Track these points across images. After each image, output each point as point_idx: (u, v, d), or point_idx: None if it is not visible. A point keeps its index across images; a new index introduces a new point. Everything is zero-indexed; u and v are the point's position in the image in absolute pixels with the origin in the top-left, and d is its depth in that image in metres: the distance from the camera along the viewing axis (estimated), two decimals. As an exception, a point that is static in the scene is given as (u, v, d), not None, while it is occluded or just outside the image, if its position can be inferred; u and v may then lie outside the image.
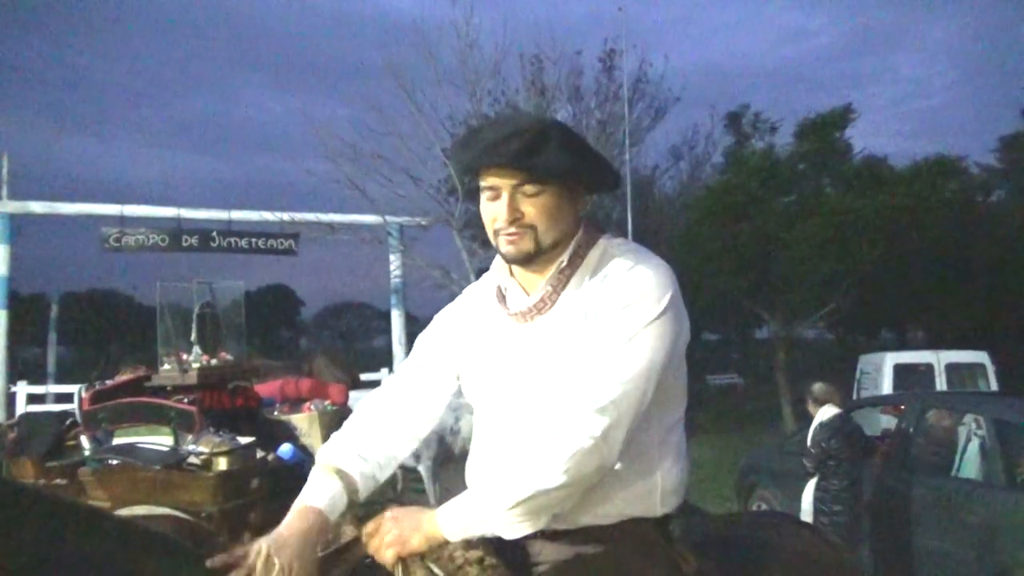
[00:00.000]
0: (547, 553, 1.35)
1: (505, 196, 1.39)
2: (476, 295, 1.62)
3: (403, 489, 7.86)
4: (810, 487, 5.38)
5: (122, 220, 13.08)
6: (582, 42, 24.84)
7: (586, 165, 1.42)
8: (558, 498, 1.29)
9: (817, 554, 1.74)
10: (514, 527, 1.30)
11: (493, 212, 1.42)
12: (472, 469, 1.53)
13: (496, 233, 1.43)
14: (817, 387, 5.71)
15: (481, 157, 1.38)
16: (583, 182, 1.47)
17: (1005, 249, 18.66)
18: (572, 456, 1.28)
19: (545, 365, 1.40)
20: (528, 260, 1.42)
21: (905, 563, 5.11)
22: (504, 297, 1.52)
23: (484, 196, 1.44)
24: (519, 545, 1.34)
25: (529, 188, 1.38)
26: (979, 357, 11.72)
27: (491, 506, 1.30)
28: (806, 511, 5.32)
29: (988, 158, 24.84)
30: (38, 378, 14.43)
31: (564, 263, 1.44)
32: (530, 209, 1.39)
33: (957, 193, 18.62)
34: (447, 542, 1.32)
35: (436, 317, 1.66)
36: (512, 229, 1.39)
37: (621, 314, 1.34)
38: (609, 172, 1.50)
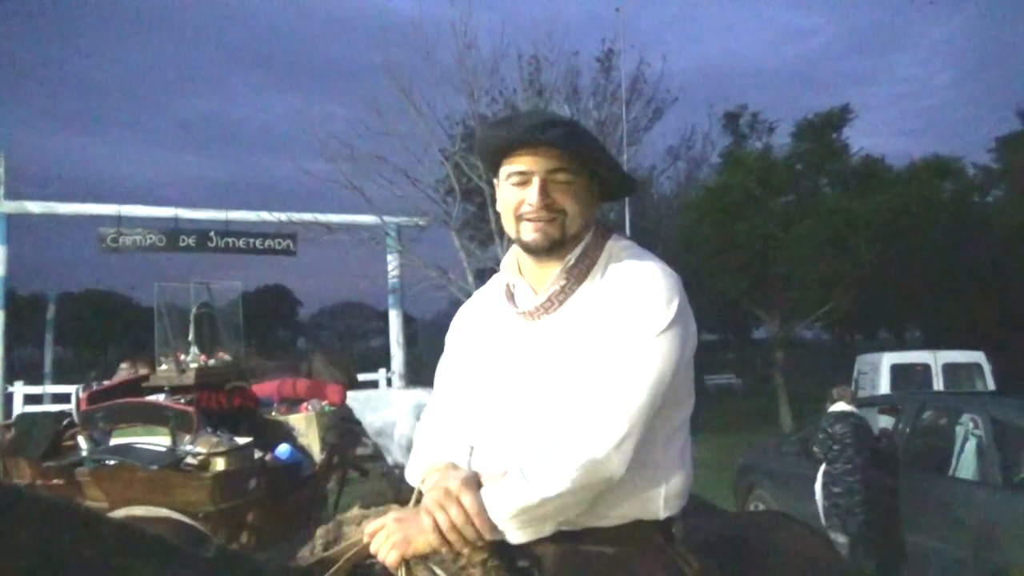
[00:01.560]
0: (550, 555, 1.35)
1: (537, 181, 1.39)
2: (485, 297, 1.62)
3: (403, 490, 7.85)
4: (820, 473, 5.60)
5: (119, 220, 13.07)
6: (580, 42, 24.96)
7: (612, 162, 1.46)
8: (564, 505, 1.29)
9: (816, 554, 1.75)
10: (519, 532, 1.30)
11: (519, 197, 1.41)
12: (478, 469, 1.52)
13: (520, 218, 1.41)
14: (836, 388, 6.07)
15: (527, 134, 1.37)
16: (603, 182, 1.48)
17: (1002, 249, 18.70)
18: (581, 464, 1.27)
19: (552, 364, 1.39)
20: (550, 248, 1.41)
21: (902, 562, 5.12)
22: (513, 295, 1.52)
23: (509, 182, 1.43)
24: (522, 547, 1.34)
25: (562, 176, 1.39)
26: (976, 357, 11.74)
27: (496, 510, 1.29)
28: (816, 493, 5.59)
29: (985, 158, 24.93)
30: (35, 378, 14.42)
31: (571, 262, 1.43)
32: (561, 195, 1.40)
33: (954, 193, 18.70)
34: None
35: (447, 339, 1.64)
36: (543, 214, 1.39)
37: (630, 323, 1.34)
38: (625, 176, 1.53)
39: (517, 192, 1.41)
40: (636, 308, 1.35)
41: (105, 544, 1.13)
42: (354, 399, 6.80)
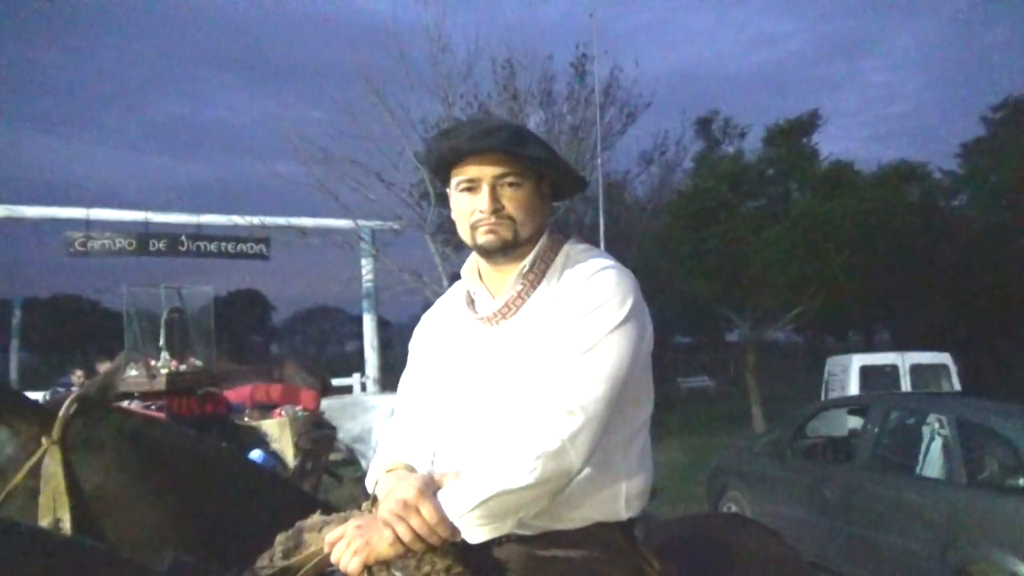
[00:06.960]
0: (514, 559, 1.36)
1: (486, 187, 1.42)
2: (446, 303, 1.63)
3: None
4: None
5: (88, 224, 12.86)
6: (554, 47, 24.96)
7: (559, 162, 1.49)
8: (523, 500, 1.29)
9: (774, 555, 1.78)
10: (478, 529, 1.29)
11: (471, 205, 1.44)
12: (437, 472, 1.52)
13: (474, 226, 1.44)
14: None
15: (470, 143, 1.40)
16: (554, 182, 1.52)
17: (967, 253, 19.09)
18: (539, 456, 1.28)
19: (509, 369, 1.41)
20: (504, 250, 1.44)
21: (869, 560, 5.21)
22: (473, 301, 1.54)
23: (460, 189, 1.45)
24: (486, 552, 1.34)
25: (511, 179, 1.42)
26: (942, 358, 11.96)
27: (454, 509, 1.29)
28: None
29: (950, 163, 25.46)
30: (0, 385, 14.09)
31: (526, 267, 1.46)
32: (510, 202, 1.42)
33: (921, 198, 19.04)
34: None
35: (410, 347, 1.65)
36: (493, 219, 1.41)
37: (584, 321, 1.36)
38: (575, 174, 1.56)
39: (468, 199, 1.45)
40: (590, 306, 1.37)
41: (51, 560, 1.11)
42: (331, 406, 6.76)
